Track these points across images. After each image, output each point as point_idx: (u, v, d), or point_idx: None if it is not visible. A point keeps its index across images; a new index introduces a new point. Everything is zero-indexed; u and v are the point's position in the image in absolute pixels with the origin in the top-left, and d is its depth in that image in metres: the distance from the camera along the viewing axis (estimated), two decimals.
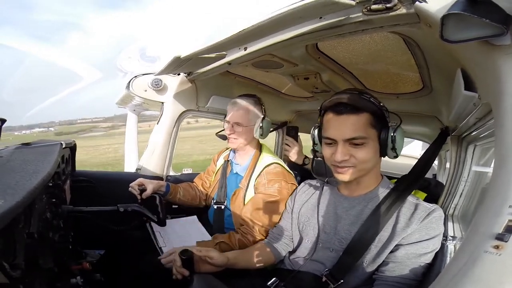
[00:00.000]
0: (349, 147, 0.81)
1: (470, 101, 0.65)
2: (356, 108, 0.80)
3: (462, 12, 0.38)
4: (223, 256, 0.91)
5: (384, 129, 0.82)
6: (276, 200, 1.13)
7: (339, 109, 0.82)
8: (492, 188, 0.39)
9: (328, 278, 0.83)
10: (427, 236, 0.77)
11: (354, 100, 0.80)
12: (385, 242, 0.79)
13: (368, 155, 0.82)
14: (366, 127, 0.81)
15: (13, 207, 0.45)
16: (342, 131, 0.81)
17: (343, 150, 0.81)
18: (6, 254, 0.51)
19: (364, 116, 0.81)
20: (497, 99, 0.42)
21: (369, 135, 0.81)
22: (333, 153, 0.83)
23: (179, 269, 0.85)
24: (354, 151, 0.81)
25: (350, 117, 0.80)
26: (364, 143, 0.81)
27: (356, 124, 0.80)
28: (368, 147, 0.81)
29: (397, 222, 0.80)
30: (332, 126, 0.83)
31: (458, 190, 1.05)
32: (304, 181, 1.09)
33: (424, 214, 0.79)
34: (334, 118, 0.83)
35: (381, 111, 0.83)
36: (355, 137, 0.80)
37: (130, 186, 1.21)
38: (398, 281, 0.76)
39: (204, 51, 0.97)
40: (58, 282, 0.75)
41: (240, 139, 1.28)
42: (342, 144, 0.81)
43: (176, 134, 1.63)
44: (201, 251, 0.88)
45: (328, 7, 0.62)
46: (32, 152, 0.87)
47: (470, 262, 0.35)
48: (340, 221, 0.88)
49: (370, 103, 0.81)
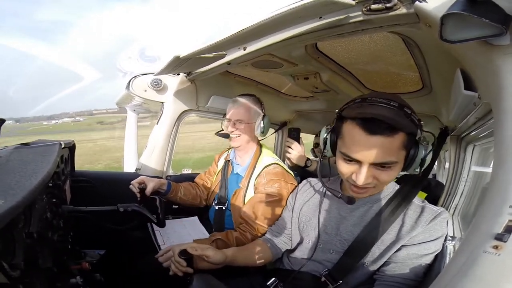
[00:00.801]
0: (374, 170, 0.71)
1: (470, 101, 0.65)
2: (394, 128, 0.66)
3: (462, 12, 0.38)
4: (220, 254, 0.89)
5: (414, 148, 0.70)
6: (275, 200, 1.14)
7: (371, 127, 0.66)
8: (492, 188, 0.39)
9: (327, 278, 0.82)
10: (430, 238, 0.75)
11: (394, 119, 0.65)
12: (389, 244, 0.78)
13: (393, 177, 0.73)
14: (398, 150, 0.69)
15: (14, 207, 0.45)
16: (370, 154, 0.68)
17: (368, 174, 0.70)
18: (6, 254, 0.51)
19: (399, 137, 0.67)
20: (497, 99, 0.42)
21: (399, 158, 0.70)
22: (353, 173, 0.73)
23: (183, 268, 0.84)
24: (379, 174, 0.71)
25: (384, 140, 0.66)
26: (392, 166, 0.71)
27: (389, 148, 0.67)
28: (394, 169, 0.72)
29: (403, 225, 0.78)
30: (357, 145, 0.69)
31: (458, 190, 1.05)
32: (306, 179, 1.08)
33: (430, 217, 0.77)
34: (362, 135, 0.68)
35: (420, 130, 0.71)
36: (386, 162, 0.69)
37: (131, 184, 1.21)
38: (398, 281, 0.76)
39: (204, 51, 0.97)
40: (57, 282, 0.75)
41: (243, 136, 1.29)
42: (367, 168, 0.70)
43: (176, 134, 1.63)
44: (197, 250, 0.85)
45: (328, 6, 0.62)
46: (31, 152, 0.87)
47: (469, 262, 0.35)
48: (343, 222, 0.86)
49: (411, 122, 0.68)
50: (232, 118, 1.28)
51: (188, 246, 0.87)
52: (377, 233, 0.79)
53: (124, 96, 2.19)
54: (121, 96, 2.28)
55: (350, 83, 1.37)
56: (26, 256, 0.57)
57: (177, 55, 1.03)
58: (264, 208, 1.13)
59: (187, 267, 0.85)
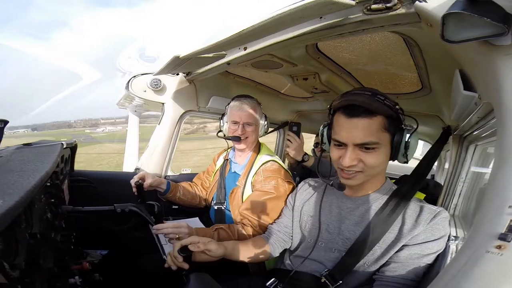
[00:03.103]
0: (358, 151, 0.77)
1: (471, 101, 0.65)
2: (369, 111, 0.75)
3: (463, 11, 0.38)
4: (221, 248, 0.89)
5: (398, 133, 0.77)
6: (272, 197, 1.13)
7: (350, 111, 0.76)
8: (493, 188, 0.39)
9: (327, 278, 0.82)
10: (433, 237, 0.76)
11: (368, 103, 0.74)
12: (391, 243, 0.78)
13: (378, 160, 0.78)
14: (378, 131, 0.76)
15: (13, 207, 0.45)
16: (352, 135, 0.76)
17: (352, 155, 0.77)
18: (8, 254, 0.51)
19: (377, 119, 0.75)
20: (497, 99, 0.42)
21: (381, 140, 0.76)
22: (341, 157, 0.79)
23: (179, 263, 0.83)
24: (364, 156, 0.77)
25: (362, 121, 0.75)
26: (376, 148, 0.76)
27: (368, 129, 0.75)
28: (379, 152, 0.77)
29: (403, 224, 0.79)
30: (342, 129, 0.78)
31: (457, 190, 1.05)
32: (305, 180, 1.08)
33: (430, 216, 0.78)
34: (345, 120, 0.77)
35: (396, 113, 0.77)
36: (367, 142, 0.75)
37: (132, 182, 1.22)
38: (399, 282, 0.76)
39: (204, 51, 0.97)
40: (57, 282, 0.75)
41: (251, 139, 1.30)
42: (351, 149, 0.77)
43: (177, 134, 1.63)
44: (199, 247, 0.84)
45: (328, 7, 0.62)
46: (33, 152, 0.87)
47: (471, 262, 0.35)
48: (344, 221, 0.87)
49: (384, 105, 0.75)
50: (240, 121, 1.27)
51: (190, 240, 0.84)
52: (379, 232, 0.79)
53: (125, 96, 2.19)
54: (121, 96, 2.28)
55: (349, 84, 1.37)
56: (28, 257, 0.57)
57: (176, 55, 1.03)
58: (263, 205, 1.13)
59: (184, 262, 0.83)
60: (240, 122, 1.27)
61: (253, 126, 1.29)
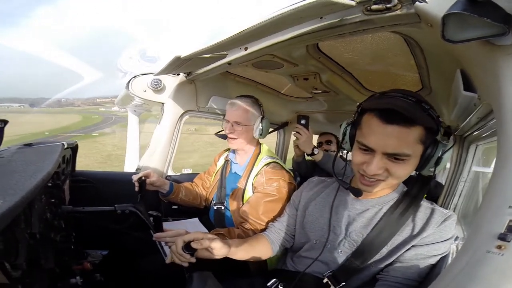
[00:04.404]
0: (386, 160, 0.71)
1: (470, 102, 0.65)
2: (410, 119, 0.66)
3: (463, 11, 0.38)
4: (225, 248, 0.85)
5: (431, 146, 0.70)
6: (274, 199, 1.13)
7: (387, 116, 0.68)
8: (493, 188, 0.39)
9: (330, 279, 0.81)
10: (440, 239, 0.75)
11: (410, 110, 0.66)
12: (398, 245, 0.77)
13: (405, 172, 0.72)
14: (414, 143, 0.68)
15: (13, 207, 0.45)
16: (385, 143, 0.69)
17: (379, 164, 0.71)
18: (8, 254, 0.51)
19: (416, 130, 0.67)
20: (498, 100, 0.42)
21: (414, 152, 0.70)
22: (365, 162, 0.73)
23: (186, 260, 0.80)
24: (391, 166, 0.71)
25: (399, 130, 0.67)
26: (406, 159, 0.70)
27: (403, 139, 0.67)
28: (408, 164, 0.70)
29: (413, 227, 0.78)
30: (374, 134, 0.70)
31: (457, 190, 1.05)
32: (312, 178, 1.05)
33: (441, 219, 0.76)
34: (379, 124, 0.69)
35: (438, 126, 0.70)
36: (399, 153, 0.69)
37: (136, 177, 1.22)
38: (401, 282, 0.75)
39: (205, 51, 0.97)
40: (58, 282, 0.75)
41: (240, 139, 1.28)
42: (380, 157, 0.70)
43: (178, 134, 1.63)
44: (203, 244, 0.80)
45: (329, 7, 0.62)
46: (34, 152, 0.87)
47: (472, 262, 0.35)
48: (353, 223, 0.84)
49: (428, 116, 0.68)
50: (230, 120, 1.28)
51: (193, 236, 0.81)
52: (387, 234, 0.78)
53: (124, 96, 2.19)
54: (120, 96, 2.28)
55: (349, 84, 1.38)
56: (29, 257, 0.57)
57: (178, 55, 1.03)
58: (264, 207, 1.13)
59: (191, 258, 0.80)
60: (230, 121, 1.28)
61: (242, 126, 1.26)
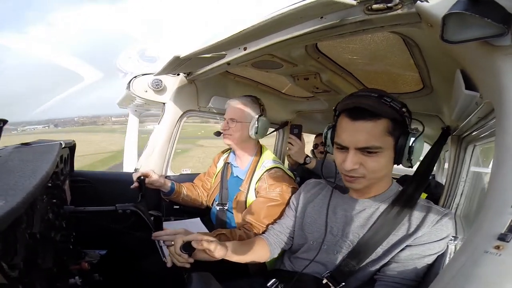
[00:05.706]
0: (360, 155, 0.75)
1: (472, 101, 0.65)
2: (374, 114, 0.72)
3: (464, 11, 0.38)
4: (223, 250, 0.85)
5: (402, 136, 0.74)
6: (277, 203, 1.13)
7: (354, 114, 0.74)
8: (493, 188, 0.39)
9: (329, 280, 0.81)
10: (435, 238, 0.75)
11: (372, 106, 0.71)
12: (393, 244, 0.78)
13: (380, 164, 0.75)
14: (382, 135, 0.73)
15: (15, 208, 0.45)
16: (355, 138, 0.74)
17: (354, 159, 0.75)
18: (6, 254, 0.51)
19: (381, 123, 0.72)
20: (498, 100, 0.42)
21: (384, 144, 0.74)
22: (343, 161, 0.77)
23: (183, 260, 0.81)
24: (365, 160, 0.75)
25: (366, 124, 0.72)
26: (378, 152, 0.74)
27: (371, 132, 0.72)
28: (381, 157, 0.75)
29: (408, 226, 0.78)
30: (345, 132, 0.76)
31: (458, 190, 1.05)
32: (309, 180, 1.06)
33: (437, 217, 0.77)
34: (348, 123, 0.75)
35: (402, 116, 0.74)
36: (369, 146, 0.73)
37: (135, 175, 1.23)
38: (399, 282, 0.75)
39: (204, 51, 0.97)
40: (57, 282, 0.74)
41: (234, 135, 1.27)
42: (353, 153, 0.75)
43: (177, 134, 1.63)
44: (202, 245, 0.80)
45: (329, 7, 0.62)
46: (31, 151, 0.87)
47: (469, 262, 0.35)
48: (350, 223, 0.85)
49: (390, 108, 0.72)
50: (226, 117, 1.29)
51: (193, 237, 0.82)
52: (383, 234, 0.78)
53: (125, 96, 2.18)
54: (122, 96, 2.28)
55: (350, 83, 1.37)
56: (27, 257, 0.56)
57: (177, 55, 1.03)
58: (267, 211, 1.13)
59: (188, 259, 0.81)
60: (226, 118, 1.29)
61: (236, 123, 1.26)
